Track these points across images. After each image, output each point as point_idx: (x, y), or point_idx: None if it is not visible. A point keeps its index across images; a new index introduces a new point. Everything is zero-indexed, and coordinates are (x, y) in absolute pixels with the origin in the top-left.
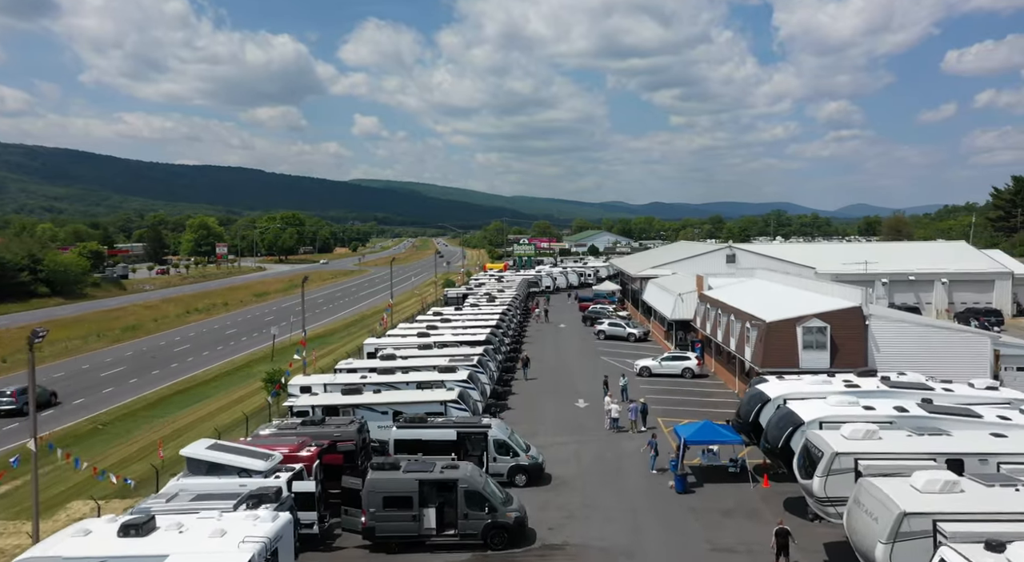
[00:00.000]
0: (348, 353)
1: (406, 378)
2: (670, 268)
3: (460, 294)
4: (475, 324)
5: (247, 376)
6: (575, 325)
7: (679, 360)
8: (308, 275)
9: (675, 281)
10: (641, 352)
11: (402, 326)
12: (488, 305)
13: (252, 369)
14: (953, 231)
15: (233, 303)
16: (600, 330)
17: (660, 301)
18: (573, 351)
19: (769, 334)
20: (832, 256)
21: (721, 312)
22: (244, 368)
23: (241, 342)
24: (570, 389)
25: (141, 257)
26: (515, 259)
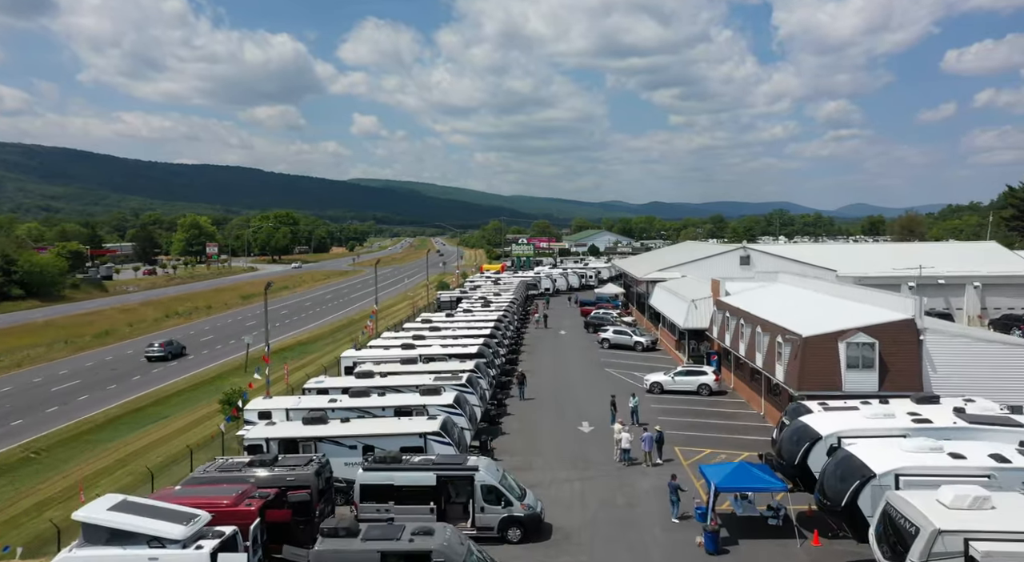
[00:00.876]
0: (325, 367)
1: (382, 402)
2: (679, 270)
3: (453, 298)
4: (467, 333)
5: (214, 392)
6: (576, 331)
7: (695, 375)
8: (273, 281)
9: (685, 285)
10: (650, 364)
11: (386, 335)
12: (482, 311)
13: (222, 383)
14: (964, 231)
15: (217, 306)
16: (604, 338)
17: (670, 307)
18: (575, 362)
19: (807, 351)
20: (852, 258)
21: (744, 323)
22: (214, 381)
23: (215, 350)
24: (572, 409)
25: (131, 257)
26: (513, 260)
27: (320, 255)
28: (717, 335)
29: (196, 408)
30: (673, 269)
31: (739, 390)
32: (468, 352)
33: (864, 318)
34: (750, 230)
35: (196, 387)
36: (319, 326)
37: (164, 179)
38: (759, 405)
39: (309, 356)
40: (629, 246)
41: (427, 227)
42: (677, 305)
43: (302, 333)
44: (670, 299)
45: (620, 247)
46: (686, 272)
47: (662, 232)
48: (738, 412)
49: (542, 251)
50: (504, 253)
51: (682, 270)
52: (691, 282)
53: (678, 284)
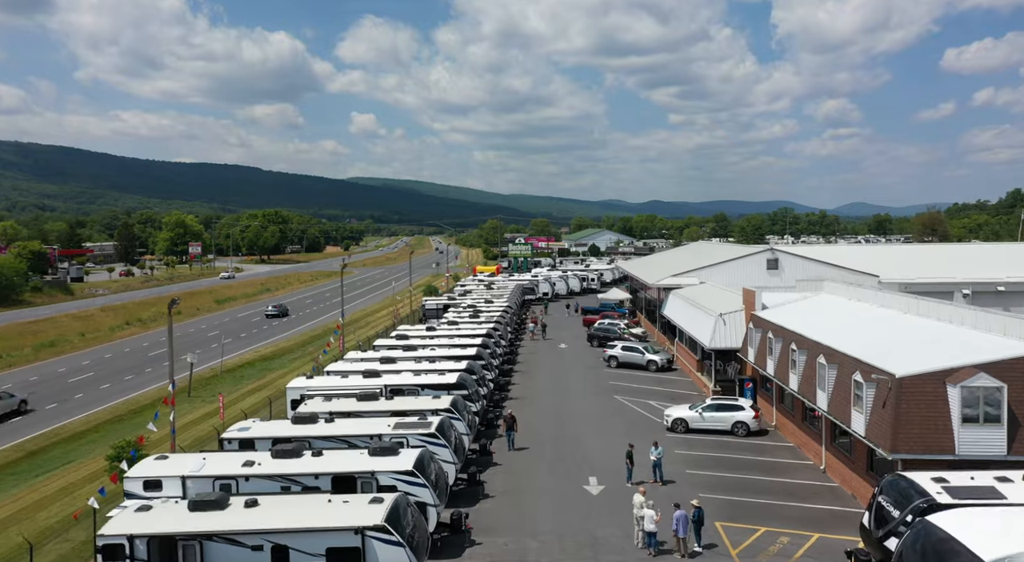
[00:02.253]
0: (270, 399)
1: (316, 466)
2: (695, 276)
3: (440, 305)
4: (447, 354)
5: (138, 426)
6: (578, 344)
7: (728, 410)
8: (179, 297)
9: (706, 294)
10: (667, 389)
11: (351, 357)
12: (470, 323)
13: (141, 420)
14: (981, 229)
15: (188, 311)
16: (611, 355)
17: (692, 322)
18: (577, 386)
19: (903, 396)
20: (889, 260)
21: (797, 348)
22: (144, 411)
23: (161, 368)
24: (576, 457)
25: (112, 257)
26: (510, 260)
27: (312, 255)
28: (754, 359)
29: (85, 462)
30: (689, 274)
31: (785, 430)
32: (445, 382)
33: (979, 350)
34: (759, 229)
35: (119, 421)
36: (291, 336)
37: (162, 177)
38: (817, 455)
39: (269, 375)
40: (631, 245)
41: (425, 226)
42: (700, 319)
43: (267, 345)
44: (690, 312)
45: (622, 246)
46: (704, 277)
47: (663, 231)
48: (790, 464)
49: (540, 251)
50: (501, 253)
51: (699, 275)
52: (711, 290)
53: (697, 293)
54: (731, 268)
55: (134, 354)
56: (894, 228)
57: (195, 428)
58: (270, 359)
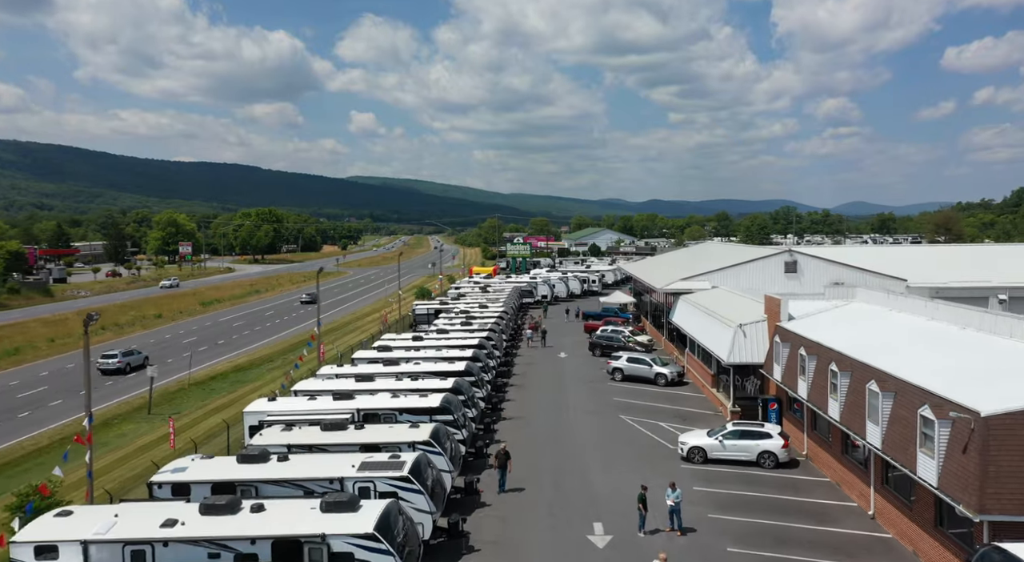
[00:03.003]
0: (227, 424)
1: (252, 528)
2: (706, 279)
3: (431, 310)
4: (434, 369)
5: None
6: (579, 353)
7: (753, 437)
8: (98, 311)
9: (719, 300)
10: (679, 407)
11: (323, 372)
12: (461, 331)
13: (102, 437)
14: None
15: (170, 314)
16: (616, 367)
17: (706, 332)
18: (578, 403)
19: (991, 441)
20: (912, 262)
21: (838, 370)
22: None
23: (126, 381)
24: (578, 498)
25: (101, 257)
26: (508, 261)
27: (308, 254)
28: (781, 377)
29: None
30: (700, 278)
31: (819, 461)
32: (427, 406)
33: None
34: (764, 229)
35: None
36: (273, 342)
37: (160, 176)
38: (863, 496)
39: (242, 388)
40: (632, 245)
41: (425, 225)
42: (716, 330)
43: (246, 353)
44: (704, 321)
45: (623, 246)
46: (716, 281)
47: (664, 230)
48: (831, 506)
49: (540, 251)
50: (499, 253)
51: (710, 279)
52: (726, 296)
53: (710, 299)
54: (745, 271)
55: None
56: (898, 227)
57: (141, 457)
58: (246, 369)
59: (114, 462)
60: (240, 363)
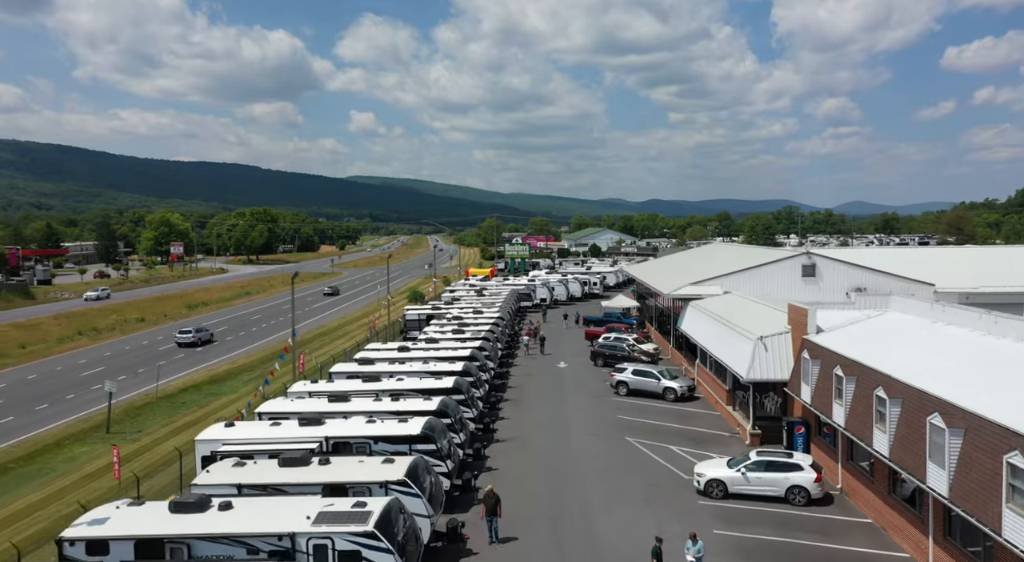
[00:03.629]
0: (181, 454)
1: None
2: (717, 284)
3: (423, 316)
4: (418, 386)
5: (22, 480)
6: (580, 363)
7: (780, 470)
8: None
9: (733, 307)
10: (690, 425)
11: (295, 390)
12: (452, 339)
13: (48, 461)
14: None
15: (153, 318)
16: (620, 381)
17: (720, 344)
18: (580, 421)
19: None
20: (933, 264)
21: (887, 397)
22: (35, 459)
23: (88, 393)
24: (580, 548)
25: (92, 257)
26: (506, 262)
27: (304, 254)
28: (811, 399)
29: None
30: (710, 282)
31: (858, 499)
32: (407, 434)
33: None
34: (769, 229)
35: None
36: (255, 350)
37: (160, 176)
38: (919, 548)
39: (214, 402)
40: (633, 245)
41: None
42: (733, 342)
43: (223, 362)
44: (718, 331)
45: (624, 246)
46: (727, 286)
47: (665, 230)
48: (877, 557)
49: (539, 251)
50: (498, 253)
51: (721, 283)
52: (740, 303)
53: (722, 306)
54: (759, 275)
55: (64, 374)
56: (902, 227)
57: (83, 489)
58: (222, 380)
59: (50, 496)
60: (218, 373)
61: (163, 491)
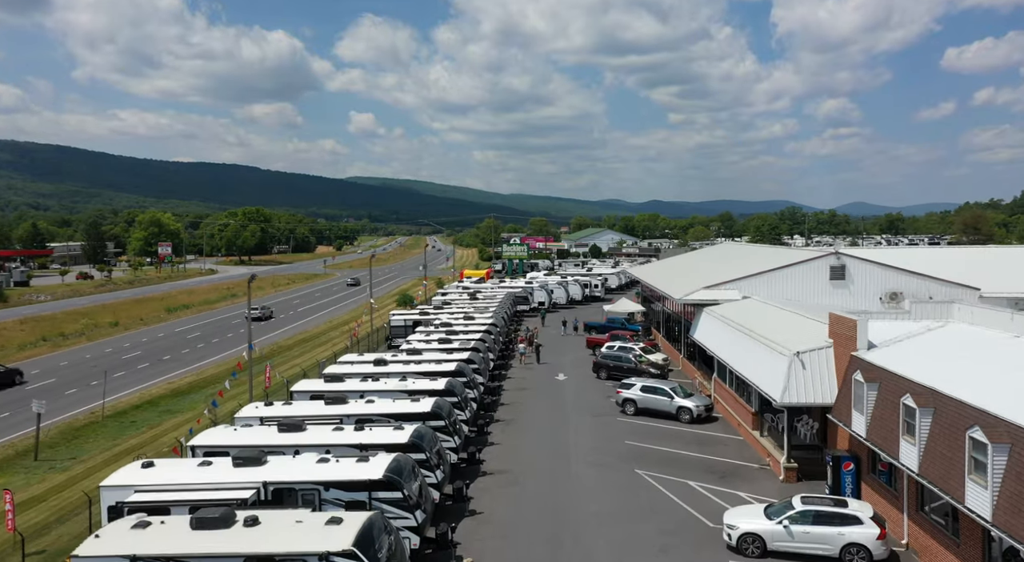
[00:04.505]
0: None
1: None
2: (734, 287)
3: (409, 321)
4: (389, 411)
5: None
6: (581, 374)
7: (834, 523)
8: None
9: (756, 315)
10: (710, 454)
11: (243, 415)
12: (437, 350)
13: None
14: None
15: (128, 322)
16: (627, 398)
17: (745, 358)
18: (582, 448)
19: None
20: (973, 266)
21: (988, 440)
22: None
23: (23, 411)
24: None
25: (79, 257)
26: (503, 263)
27: (299, 255)
28: (867, 432)
29: None
30: (727, 286)
31: (932, 559)
32: (365, 479)
33: None
34: (775, 229)
35: None
36: (225, 359)
37: (158, 177)
38: None
39: (170, 420)
40: (635, 246)
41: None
42: (760, 356)
43: (188, 374)
44: (740, 342)
45: (625, 247)
46: (746, 289)
47: (667, 231)
48: None
49: (538, 252)
50: (495, 254)
51: (740, 287)
52: (761, 309)
53: (741, 312)
54: (781, 279)
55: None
56: (907, 228)
57: None
58: (184, 394)
59: None
60: (179, 386)
61: (68, 546)
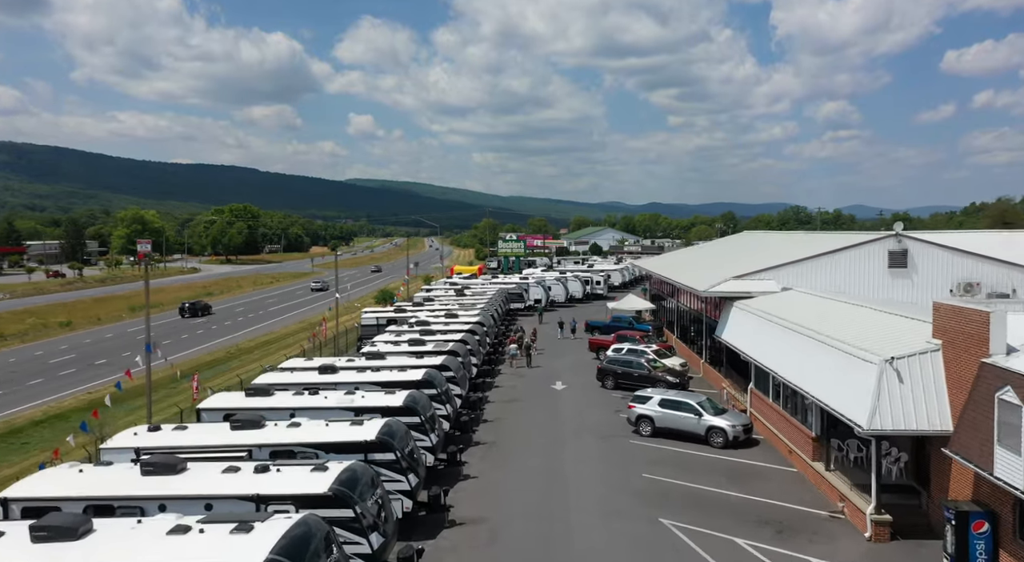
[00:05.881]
0: None
1: None
2: (770, 276)
3: (383, 320)
4: (317, 439)
5: None
6: (582, 381)
7: None
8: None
9: (799, 306)
10: (758, 495)
11: (115, 445)
12: (404, 354)
13: None
14: None
15: (83, 322)
16: (642, 415)
17: (804, 366)
18: (585, 486)
19: None
20: None
21: None
22: None
23: None
24: None
25: (57, 256)
26: (499, 260)
27: (290, 255)
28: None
29: None
30: (761, 275)
31: None
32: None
33: None
34: (786, 225)
35: None
36: (168, 364)
37: (157, 178)
38: None
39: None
40: (637, 244)
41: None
42: (831, 365)
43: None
44: (793, 344)
45: (627, 245)
46: (785, 280)
47: (670, 231)
48: None
49: (536, 250)
50: (491, 252)
51: (776, 276)
52: (811, 301)
53: (785, 305)
54: (828, 266)
55: None
56: (915, 228)
57: None
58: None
59: None
60: (99, 397)
61: None
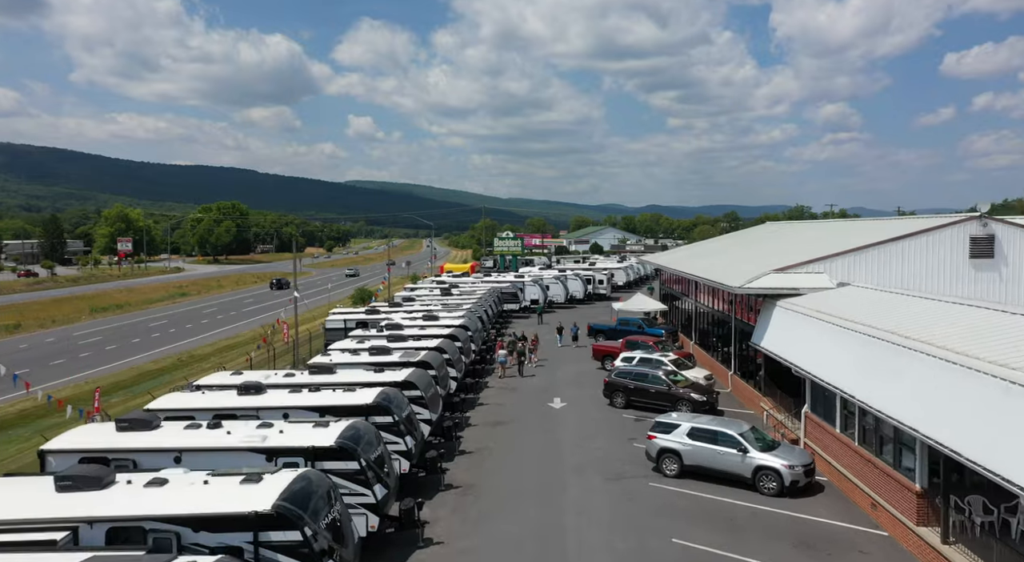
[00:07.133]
0: None
1: None
2: (823, 268)
3: (351, 322)
4: (194, 506)
5: None
6: (586, 397)
7: None
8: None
9: (869, 306)
10: None
11: None
12: (358, 368)
13: None
14: None
15: (33, 324)
16: (667, 449)
17: (894, 389)
18: (594, 554)
19: None
20: None
21: None
22: None
23: None
24: None
25: (36, 255)
26: (495, 259)
27: (281, 255)
28: None
29: None
30: (810, 267)
31: None
32: None
33: None
34: None
35: None
36: (102, 373)
37: (155, 180)
38: None
39: None
40: (640, 243)
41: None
42: (944, 385)
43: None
44: (880, 355)
45: (629, 245)
46: (840, 273)
47: (671, 231)
48: None
49: (534, 250)
50: (487, 252)
51: (828, 268)
52: (886, 300)
53: (850, 305)
54: (894, 256)
55: None
56: None
57: None
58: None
59: None
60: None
61: None
